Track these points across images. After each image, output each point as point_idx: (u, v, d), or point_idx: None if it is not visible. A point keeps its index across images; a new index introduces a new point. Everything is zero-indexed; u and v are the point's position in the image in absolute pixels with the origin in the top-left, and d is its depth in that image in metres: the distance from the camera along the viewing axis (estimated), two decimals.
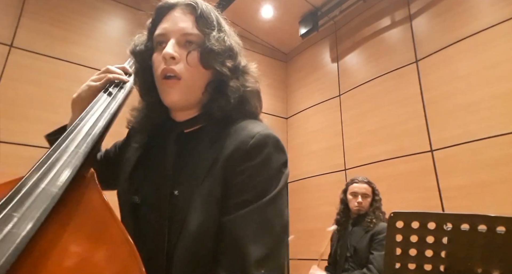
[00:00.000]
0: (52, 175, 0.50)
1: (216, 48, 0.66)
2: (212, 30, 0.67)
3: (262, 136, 0.61)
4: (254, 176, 0.59)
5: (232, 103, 0.67)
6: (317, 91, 4.15)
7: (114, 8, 3.45)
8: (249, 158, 0.59)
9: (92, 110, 0.66)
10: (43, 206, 0.45)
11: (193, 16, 0.67)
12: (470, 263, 0.79)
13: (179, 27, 0.66)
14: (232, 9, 3.61)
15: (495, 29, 2.60)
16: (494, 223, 0.76)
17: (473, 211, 0.91)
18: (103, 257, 0.45)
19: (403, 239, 0.87)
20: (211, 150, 0.63)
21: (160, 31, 0.68)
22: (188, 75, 0.65)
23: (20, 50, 2.83)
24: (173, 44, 0.65)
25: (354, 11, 3.85)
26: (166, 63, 0.64)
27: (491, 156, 2.41)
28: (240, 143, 0.61)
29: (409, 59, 3.17)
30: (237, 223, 0.56)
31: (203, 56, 0.65)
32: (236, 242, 0.55)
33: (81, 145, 0.57)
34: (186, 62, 0.65)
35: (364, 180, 2.17)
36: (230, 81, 0.67)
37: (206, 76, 0.68)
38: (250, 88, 0.70)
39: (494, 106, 2.48)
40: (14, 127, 2.57)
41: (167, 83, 0.65)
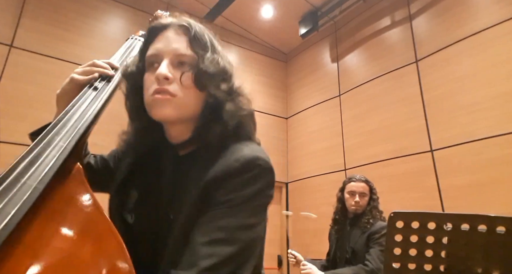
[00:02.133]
0: (34, 170, 0.48)
1: (210, 70, 0.65)
2: (206, 51, 0.67)
3: (247, 159, 0.60)
4: (231, 192, 0.58)
5: (229, 129, 0.66)
6: (317, 91, 4.15)
7: (114, 8, 3.45)
8: (231, 180, 0.59)
9: (78, 104, 0.64)
10: (22, 201, 0.43)
11: (187, 37, 0.67)
12: (470, 263, 0.79)
13: (172, 47, 0.65)
14: (232, 9, 3.61)
15: (495, 29, 2.60)
16: (494, 223, 0.76)
17: (473, 211, 0.91)
18: (89, 252, 0.44)
19: (403, 239, 0.87)
20: (201, 174, 0.61)
21: (152, 51, 0.67)
22: (182, 95, 0.64)
23: (20, 50, 2.83)
24: (167, 64, 0.64)
25: (354, 11, 3.85)
26: (159, 83, 0.63)
27: (491, 156, 2.41)
28: (225, 167, 0.60)
29: (409, 59, 3.17)
30: (200, 222, 0.56)
31: (197, 77, 0.64)
32: (195, 242, 0.54)
33: (65, 139, 0.55)
34: (180, 83, 0.64)
35: (362, 178, 2.13)
36: (226, 104, 0.66)
37: (200, 98, 0.66)
38: (246, 112, 0.69)
39: (494, 106, 2.48)
40: (14, 127, 2.57)
41: (158, 98, 0.63)
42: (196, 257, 0.52)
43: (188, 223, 0.58)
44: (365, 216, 1.99)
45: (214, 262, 0.52)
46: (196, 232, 0.56)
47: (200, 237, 0.55)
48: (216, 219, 0.56)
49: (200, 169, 0.63)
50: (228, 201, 0.57)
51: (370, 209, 2.03)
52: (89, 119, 0.61)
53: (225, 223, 0.56)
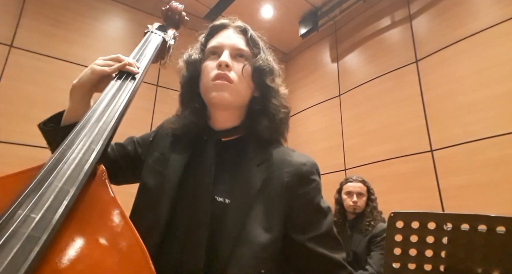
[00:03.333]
0: (69, 173, 0.48)
1: (265, 67, 0.76)
2: (260, 51, 0.78)
3: (312, 163, 0.75)
4: (314, 198, 0.71)
5: (276, 124, 0.75)
6: (317, 91, 4.15)
7: (114, 8, 3.45)
8: (307, 183, 0.71)
9: (105, 101, 0.63)
10: (62, 207, 0.43)
11: (245, 37, 0.78)
12: (470, 263, 0.79)
13: (233, 42, 0.76)
14: (232, 9, 3.62)
15: (495, 29, 2.60)
16: (494, 223, 0.76)
17: (473, 211, 0.91)
18: (115, 261, 0.44)
19: (403, 239, 0.87)
20: (259, 168, 0.70)
21: (215, 44, 0.76)
22: (239, 82, 0.73)
23: (20, 50, 2.83)
24: (228, 54, 0.73)
25: (354, 11, 3.85)
26: (221, 68, 0.71)
27: (491, 156, 2.41)
28: (296, 169, 0.71)
29: (409, 59, 3.17)
30: (320, 240, 0.69)
31: (255, 71, 0.75)
32: (327, 254, 0.68)
33: (97, 141, 0.55)
34: (240, 72, 0.73)
35: (359, 179, 2.15)
36: (272, 99, 0.76)
37: (250, 89, 0.76)
38: (288, 109, 0.79)
39: (494, 106, 2.48)
40: (14, 127, 2.57)
41: (219, 83, 0.71)
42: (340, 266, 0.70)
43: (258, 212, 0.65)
44: (365, 218, 1.98)
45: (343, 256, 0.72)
46: (323, 247, 0.69)
47: (329, 249, 0.70)
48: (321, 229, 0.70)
49: (251, 162, 0.71)
50: (317, 209, 0.72)
51: (370, 210, 2.02)
52: (115, 121, 0.61)
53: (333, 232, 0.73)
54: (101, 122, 0.59)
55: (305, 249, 0.68)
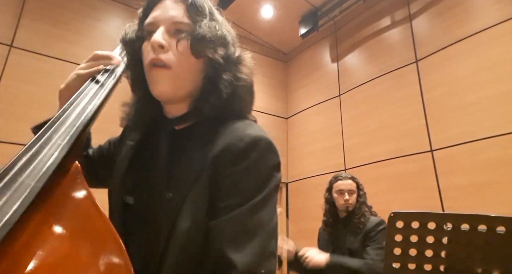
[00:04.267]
0: (32, 168, 0.47)
1: (207, 35, 0.63)
2: (204, 18, 0.65)
3: (252, 138, 0.59)
4: (241, 180, 0.57)
5: (224, 99, 0.64)
6: (317, 91, 4.15)
7: (114, 8, 3.45)
8: (237, 162, 0.57)
9: (78, 100, 0.62)
10: (21, 200, 0.42)
11: (185, 4, 0.65)
12: (470, 263, 0.79)
13: (169, 15, 0.64)
14: (232, 9, 3.61)
15: (495, 29, 2.60)
16: (494, 223, 0.76)
17: (473, 211, 0.91)
18: (87, 252, 0.43)
19: (403, 239, 0.87)
20: (202, 151, 0.60)
21: (150, 20, 0.65)
22: (178, 64, 0.62)
23: (20, 50, 2.83)
24: (162, 32, 0.62)
25: (354, 11, 3.85)
26: (155, 52, 0.61)
27: (491, 156, 2.41)
28: (229, 145, 0.58)
29: (409, 59, 3.17)
30: (221, 228, 0.55)
31: (193, 43, 0.62)
32: (219, 248, 0.53)
33: (64, 136, 0.53)
34: (176, 50, 0.62)
35: (348, 176, 2.14)
36: (223, 73, 0.64)
37: (197, 67, 0.65)
38: (243, 82, 0.67)
39: (494, 106, 2.48)
40: (14, 127, 2.56)
41: (155, 71, 0.62)
42: (230, 264, 0.51)
43: (192, 203, 0.57)
44: (355, 216, 1.98)
45: (249, 260, 0.52)
46: (222, 236, 0.54)
47: (227, 241, 0.53)
48: (234, 221, 0.55)
49: (198, 146, 0.62)
50: (239, 193, 0.56)
51: (359, 206, 2.03)
52: (88, 116, 0.60)
53: (245, 222, 0.55)
54: (71, 118, 0.58)
55: (208, 233, 0.56)
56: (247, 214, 0.55)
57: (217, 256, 0.53)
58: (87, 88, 0.67)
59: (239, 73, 0.67)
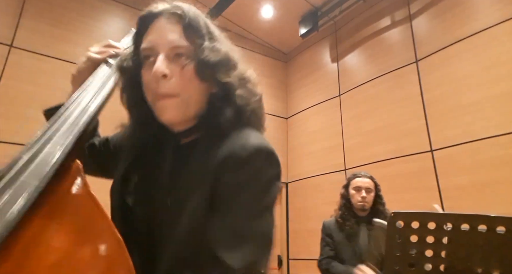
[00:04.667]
0: (34, 167, 0.46)
1: (212, 60, 0.62)
2: (203, 39, 0.63)
3: (255, 148, 0.58)
4: (242, 188, 0.57)
5: (246, 116, 0.64)
6: (317, 91, 4.15)
7: (114, 8, 3.46)
8: (239, 170, 0.57)
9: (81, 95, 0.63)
10: (23, 200, 0.42)
11: (181, 25, 0.62)
12: (470, 263, 0.79)
13: (167, 39, 0.61)
14: (232, 9, 3.61)
15: (495, 29, 2.60)
16: (494, 223, 0.76)
17: (473, 211, 0.91)
18: (89, 252, 0.43)
19: (403, 239, 0.87)
20: (204, 161, 0.60)
21: (146, 45, 0.63)
22: (184, 91, 0.61)
23: (20, 50, 2.83)
24: (163, 59, 0.60)
25: (354, 11, 3.85)
26: (158, 82, 0.60)
27: (491, 156, 2.41)
28: (231, 153, 0.58)
29: (409, 59, 3.17)
30: (217, 230, 0.55)
31: (199, 69, 0.61)
32: (213, 249, 0.53)
33: (66, 135, 0.53)
34: (179, 76, 0.61)
35: (367, 174, 2.10)
36: (237, 91, 0.64)
37: (203, 89, 0.64)
38: (257, 97, 0.68)
39: (494, 106, 2.48)
40: (14, 127, 2.57)
41: (162, 102, 0.61)
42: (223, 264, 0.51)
43: (191, 210, 0.57)
44: (381, 215, 1.91)
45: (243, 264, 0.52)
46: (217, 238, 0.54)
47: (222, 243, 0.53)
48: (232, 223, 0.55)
49: (201, 156, 0.61)
50: (239, 200, 0.56)
51: (382, 208, 1.98)
52: (90, 115, 0.60)
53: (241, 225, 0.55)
54: (73, 116, 0.57)
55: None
56: (244, 220, 0.55)
57: (210, 256, 0.53)
58: (91, 82, 0.68)
59: (251, 89, 0.67)
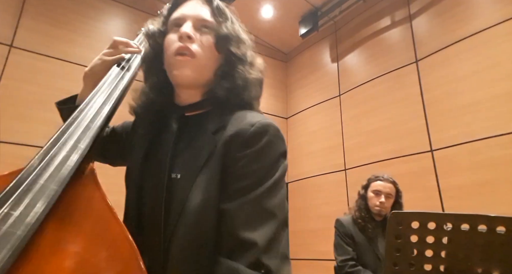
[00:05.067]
0: (52, 171, 0.47)
1: (230, 34, 0.70)
2: (226, 21, 0.72)
3: (262, 124, 0.63)
4: (252, 163, 0.59)
5: (238, 86, 0.69)
6: (317, 91, 4.15)
7: (114, 8, 3.45)
8: (248, 145, 0.60)
9: (94, 99, 0.64)
10: (43, 204, 0.43)
11: (210, 7, 0.72)
12: (470, 263, 0.79)
13: (196, 12, 0.71)
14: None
15: (495, 29, 2.60)
16: (494, 223, 0.76)
17: (473, 211, 0.91)
18: (103, 257, 0.44)
19: (403, 239, 0.87)
20: (212, 136, 0.64)
21: (178, 15, 0.71)
22: (202, 55, 0.68)
23: (20, 50, 2.83)
24: (190, 26, 0.68)
25: (354, 11, 3.85)
26: (182, 41, 0.67)
27: (491, 156, 2.41)
28: (240, 130, 0.62)
29: (409, 59, 3.17)
30: (236, 211, 0.56)
31: (218, 40, 0.69)
32: (234, 231, 0.55)
33: (82, 139, 0.55)
34: (201, 42, 0.68)
35: (390, 179, 1.99)
36: (238, 66, 0.70)
37: (217, 60, 0.70)
38: (255, 75, 0.72)
39: (494, 106, 2.48)
40: (14, 127, 2.57)
41: (180, 59, 0.67)
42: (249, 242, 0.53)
43: (202, 184, 0.59)
44: None
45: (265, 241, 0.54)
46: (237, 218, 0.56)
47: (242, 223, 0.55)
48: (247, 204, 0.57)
49: (207, 132, 0.65)
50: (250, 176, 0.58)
51: None
52: (105, 116, 0.62)
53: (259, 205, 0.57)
54: (89, 119, 0.59)
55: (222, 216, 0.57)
56: (259, 199, 0.57)
57: (233, 238, 0.54)
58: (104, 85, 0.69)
59: (252, 68, 0.73)
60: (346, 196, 3.38)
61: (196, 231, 0.57)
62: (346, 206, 3.27)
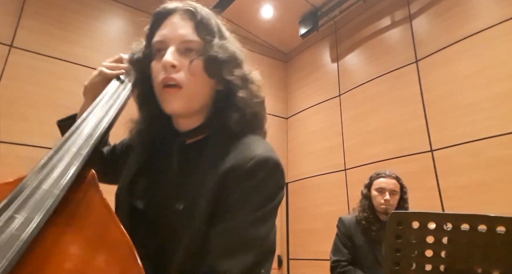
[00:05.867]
0: (55, 176, 0.50)
1: (221, 56, 0.64)
2: (214, 37, 0.65)
3: (261, 159, 0.59)
4: (245, 196, 0.58)
5: (247, 117, 0.65)
6: (317, 91, 4.15)
7: (114, 8, 3.45)
8: (244, 180, 0.58)
9: (96, 108, 0.66)
10: (45, 208, 0.45)
11: (193, 22, 0.65)
12: (470, 263, 0.79)
13: (178, 33, 0.64)
14: (232, 9, 3.61)
15: (495, 29, 2.60)
16: (494, 223, 0.76)
17: (473, 211, 0.91)
18: (103, 260, 0.45)
19: (403, 239, 0.87)
20: (213, 167, 0.61)
21: (158, 38, 0.65)
22: (190, 84, 0.63)
23: (20, 50, 2.83)
24: (173, 51, 0.62)
25: (354, 11, 3.85)
26: (166, 71, 0.62)
27: (491, 156, 2.41)
28: (238, 163, 0.59)
29: (409, 59, 3.17)
30: (216, 237, 0.56)
31: (207, 64, 0.63)
32: (212, 255, 0.54)
33: (83, 146, 0.57)
34: (188, 70, 0.63)
35: (392, 174, 1.91)
36: (239, 92, 0.65)
37: (208, 86, 0.66)
38: (259, 99, 0.69)
39: (494, 106, 2.48)
40: (14, 127, 2.57)
41: (167, 92, 0.63)
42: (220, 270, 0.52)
43: (202, 215, 0.58)
44: None
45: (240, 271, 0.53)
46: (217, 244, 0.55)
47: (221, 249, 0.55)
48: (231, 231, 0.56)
49: (209, 161, 0.62)
50: (241, 207, 0.57)
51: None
52: (105, 125, 0.63)
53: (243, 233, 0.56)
54: (89, 129, 0.61)
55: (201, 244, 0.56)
56: (246, 226, 0.56)
57: (208, 263, 0.54)
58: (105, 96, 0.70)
59: (254, 91, 0.68)
60: (346, 196, 3.38)
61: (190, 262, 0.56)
62: (346, 206, 3.27)
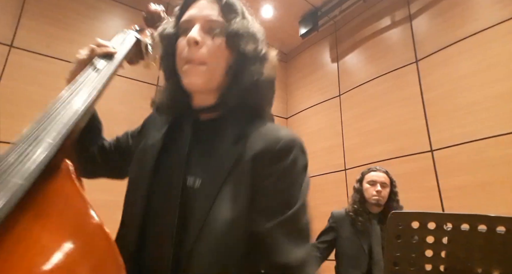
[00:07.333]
0: (20, 167, 0.46)
1: (240, 31, 0.68)
2: (236, 17, 0.70)
3: (290, 139, 0.63)
4: (281, 180, 0.60)
5: (245, 89, 0.68)
6: (317, 91, 4.15)
7: (114, 8, 3.45)
8: (277, 161, 0.61)
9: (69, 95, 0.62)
10: (7, 200, 0.41)
11: (219, 5, 0.70)
12: (470, 263, 0.79)
13: (204, 13, 0.69)
14: None
15: (495, 29, 2.60)
16: (494, 223, 0.76)
17: (473, 211, 0.91)
18: (77, 250, 0.42)
19: (403, 239, 0.87)
20: (234, 146, 0.63)
21: (186, 18, 0.70)
22: (211, 60, 0.67)
23: (20, 50, 2.82)
24: (198, 29, 0.67)
25: (354, 11, 3.85)
26: (190, 48, 0.66)
27: (491, 156, 2.41)
28: (268, 145, 0.62)
29: (409, 59, 3.17)
30: (273, 232, 0.57)
31: (228, 38, 0.67)
32: (275, 252, 0.56)
33: (54, 135, 0.53)
34: (210, 45, 0.67)
35: (382, 169, 2.04)
36: (249, 66, 0.69)
37: (227, 61, 0.69)
38: (266, 77, 0.71)
39: (494, 106, 2.48)
40: (14, 127, 2.56)
41: (189, 67, 0.67)
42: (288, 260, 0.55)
43: (229, 195, 0.59)
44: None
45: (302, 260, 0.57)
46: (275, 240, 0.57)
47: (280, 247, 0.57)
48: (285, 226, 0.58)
49: (228, 140, 0.64)
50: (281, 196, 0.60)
51: (396, 205, 1.92)
52: (77, 114, 0.59)
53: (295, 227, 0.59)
54: (61, 115, 0.57)
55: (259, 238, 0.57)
56: (295, 218, 0.59)
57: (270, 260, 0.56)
58: (78, 82, 0.68)
59: (263, 68, 0.72)
60: (346, 196, 3.37)
61: (221, 245, 0.56)
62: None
